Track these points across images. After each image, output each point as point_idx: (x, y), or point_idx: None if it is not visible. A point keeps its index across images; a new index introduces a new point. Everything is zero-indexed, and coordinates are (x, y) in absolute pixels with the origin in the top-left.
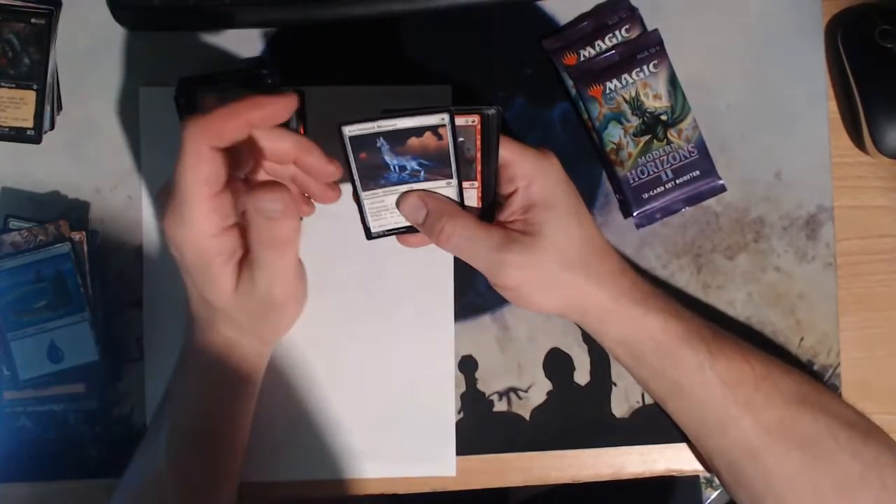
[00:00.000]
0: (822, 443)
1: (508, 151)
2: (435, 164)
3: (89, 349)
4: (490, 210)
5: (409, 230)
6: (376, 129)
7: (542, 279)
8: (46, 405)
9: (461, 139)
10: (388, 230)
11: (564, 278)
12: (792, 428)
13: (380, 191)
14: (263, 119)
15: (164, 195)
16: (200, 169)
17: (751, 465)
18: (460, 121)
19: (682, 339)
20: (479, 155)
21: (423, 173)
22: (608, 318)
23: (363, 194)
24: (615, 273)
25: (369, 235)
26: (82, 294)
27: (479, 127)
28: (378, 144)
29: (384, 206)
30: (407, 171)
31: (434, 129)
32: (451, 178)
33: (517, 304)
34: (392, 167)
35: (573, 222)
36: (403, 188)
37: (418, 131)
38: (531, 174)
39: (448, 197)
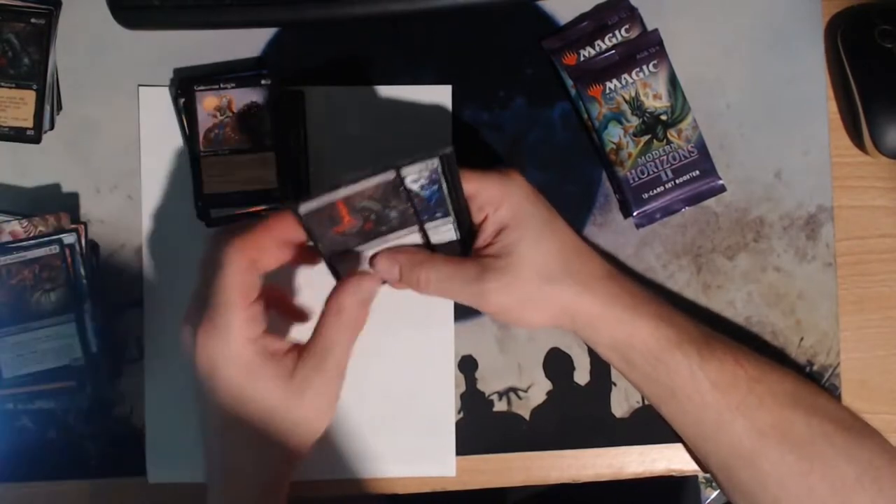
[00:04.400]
0: (817, 446)
1: (469, 183)
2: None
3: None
4: (470, 244)
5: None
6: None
7: (525, 298)
8: (38, 402)
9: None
10: None
11: (548, 291)
12: (786, 431)
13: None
14: (293, 233)
15: (196, 312)
16: (243, 281)
17: (745, 469)
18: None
19: (673, 343)
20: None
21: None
22: (599, 324)
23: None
24: (601, 277)
25: None
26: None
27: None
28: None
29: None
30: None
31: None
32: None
33: (511, 325)
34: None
35: (546, 234)
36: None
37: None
38: (497, 198)
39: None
